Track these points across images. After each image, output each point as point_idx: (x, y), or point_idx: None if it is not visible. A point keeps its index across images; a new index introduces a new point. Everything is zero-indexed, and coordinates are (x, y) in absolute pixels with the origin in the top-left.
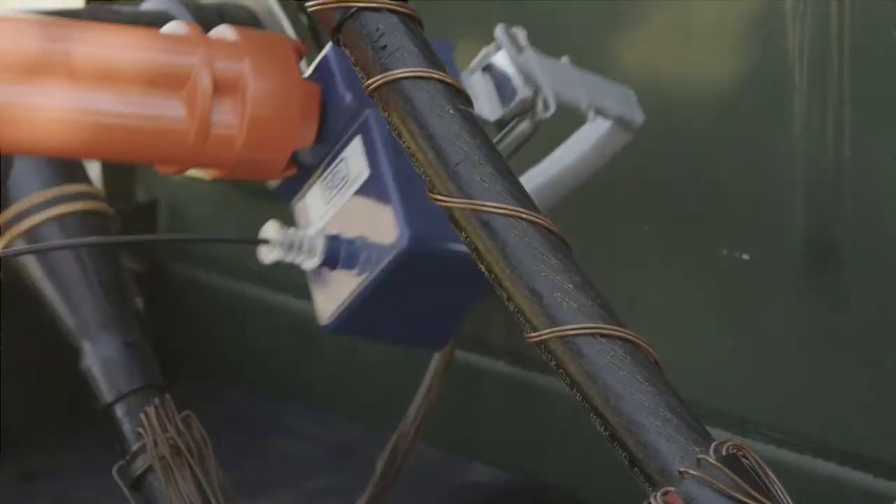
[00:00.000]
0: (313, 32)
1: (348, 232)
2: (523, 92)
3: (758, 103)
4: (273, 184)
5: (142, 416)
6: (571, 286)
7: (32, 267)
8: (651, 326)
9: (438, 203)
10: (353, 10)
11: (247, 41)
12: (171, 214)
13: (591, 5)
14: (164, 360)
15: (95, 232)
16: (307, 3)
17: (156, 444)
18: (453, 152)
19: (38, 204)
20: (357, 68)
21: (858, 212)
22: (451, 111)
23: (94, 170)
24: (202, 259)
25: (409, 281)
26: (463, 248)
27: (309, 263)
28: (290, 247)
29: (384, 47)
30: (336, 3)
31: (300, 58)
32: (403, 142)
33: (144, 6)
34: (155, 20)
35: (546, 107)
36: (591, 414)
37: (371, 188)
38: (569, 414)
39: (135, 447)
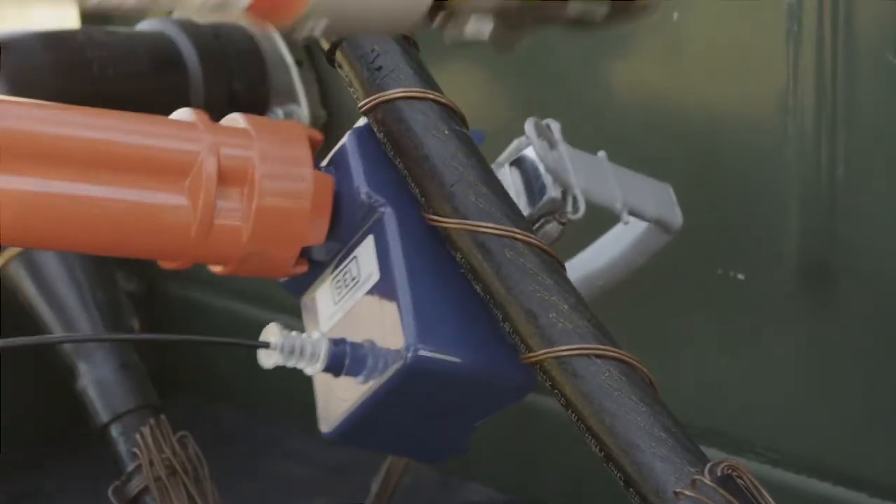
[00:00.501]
0: (308, 51)
1: (355, 336)
2: (552, 191)
3: (752, 125)
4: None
5: (137, 436)
6: (566, 307)
7: (28, 287)
8: (646, 346)
9: (434, 223)
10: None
11: (257, 128)
12: None
13: None
14: (160, 381)
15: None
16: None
17: (151, 464)
18: (448, 173)
19: None
20: (351, 88)
21: (852, 232)
22: (446, 132)
23: None
24: (198, 279)
25: (413, 395)
26: (473, 361)
27: (311, 369)
28: (291, 351)
29: (379, 68)
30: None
31: (316, 146)
32: (398, 162)
33: (140, 27)
34: (150, 41)
35: (575, 208)
36: (587, 434)
37: (381, 292)
38: (565, 434)
39: (130, 467)
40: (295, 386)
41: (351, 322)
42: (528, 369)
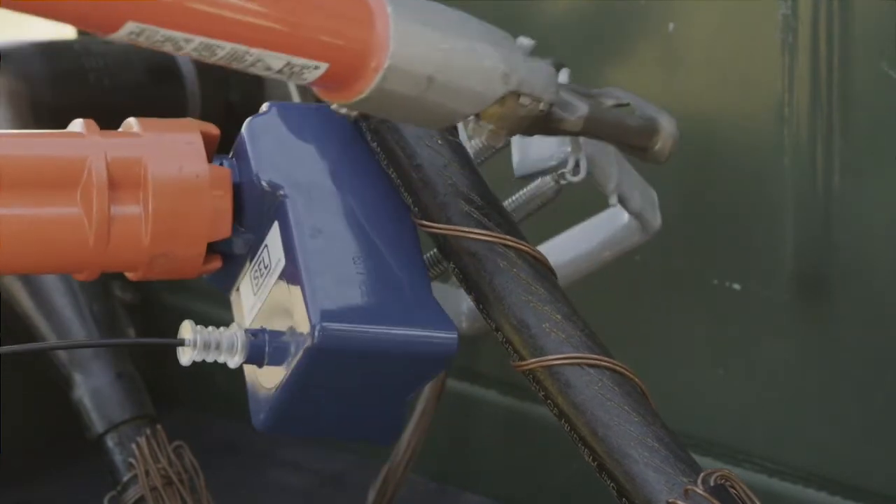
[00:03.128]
0: None
1: (275, 324)
2: (559, 149)
3: (747, 135)
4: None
5: (133, 446)
6: (559, 316)
7: (24, 298)
8: (642, 356)
9: (427, 231)
10: None
11: (146, 129)
12: None
13: (578, 39)
14: (156, 391)
15: None
16: None
17: (147, 474)
18: (441, 182)
19: None
20: None
21: (849, 242)
22: (439, 141)
23: None
24: (194, 289)
25: (330, 374)
26: (382, 329)
27: (232, 362)
28: (207, 347)
29: None
30: None
31: (212, 141)
32: (392, 171)
33: None
34: (147, 52)
35: (576, 171)
36: (579, 444)
37: (288, 277)
38: (560, 444)
39: (126, 477)
40: None
41: (269, 311)
42: (444, 329)
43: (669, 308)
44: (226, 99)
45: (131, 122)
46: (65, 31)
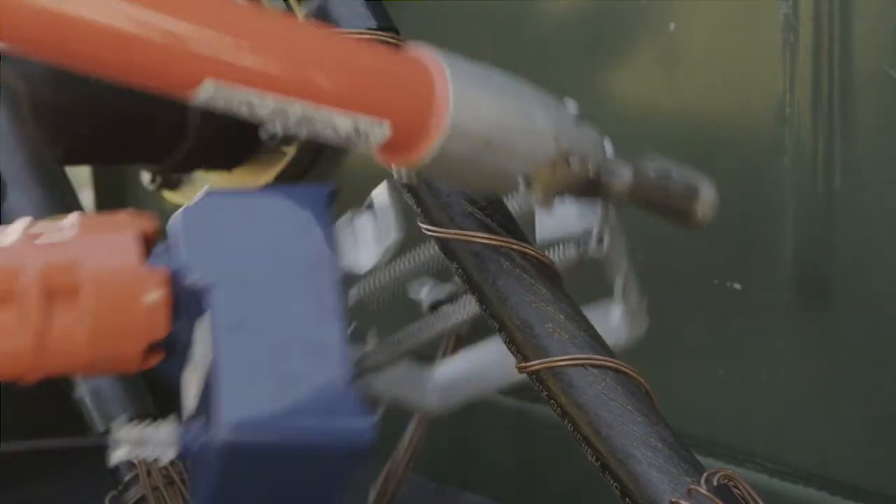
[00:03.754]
0: None
1: (206, 414)
2: (583, 220)
3: (748, 135)
4: None
5: None
6: (562, 317)
7: None
8: (643, 356)
9: (430, 234)
10: None
11: (82, 232)
12: None
13: (580, 39)
14: (157, 391)
15: None
16: None
17: (149, 474)
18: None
19: None
20: None
21: (849, 243)
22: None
23: (86, 198)
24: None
25: (245, 476)
26: (294, 423)
27: (166, 456)
28: (136, 445)
29: None
30: None
31: (153, 237)
32: (398, 176)
33: None
34: None
35: (600, 244)
36: (583, 444)
37: (212, 373)
38: (562, 443)
39: (127, 477)
40: None
41: (203, 403)
42: (357, 418)
43: (669, 308)
44: None
45: (69, 221)
46: None
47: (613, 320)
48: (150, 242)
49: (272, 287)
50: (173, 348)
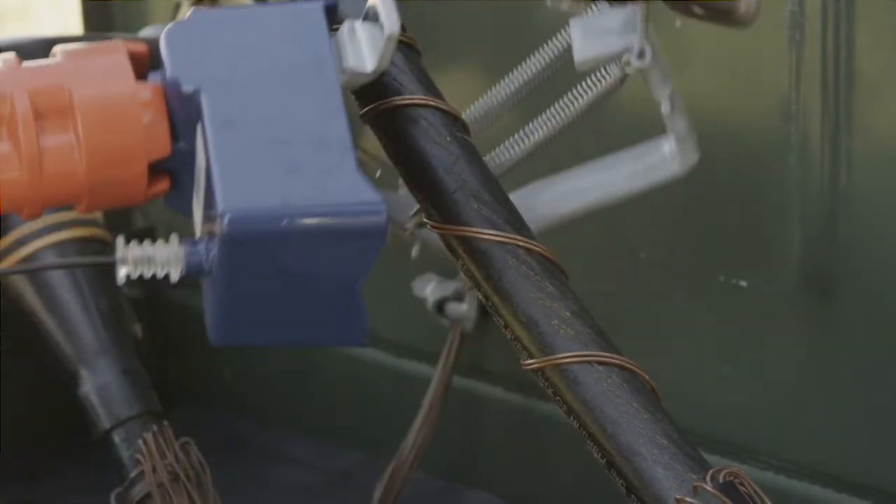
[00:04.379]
0: None
1: (213, 230)
2: (623, 36)
3: (754, 133)
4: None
5: (140, 442)
6: (568, 313)
7: (30, 294)
8: (648, 353)
9: (435, 230)
10: None
11: (70, 57)
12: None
13: None
14: (163, 387)
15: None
16: None
17: (154, 470)
18: (450, 180)
19: (37, 230)
20: (354, 95)
21: (855, 240)
22: (448, 139)
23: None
24: (201, 285)
25: (258, 264)
26: (301, 204)
27: (173, 275)
28: (140, 262)
29: (382, 75)
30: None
31: (142, 59)
32: (400, 169)
33: (142, 34)
34: (152, 49)
35: (642, 55)
36: (588, 441)
37: (209, 174)
38: (567, 440)
39: (133, 474)
40: (297, 393)
41: (207, 217)
42: (367, 197)
43: (675, 305)
44: None
45: (55, 50)
46: (70, 26)
47: (665, 151)
48: (142, 66)
49: (269, 86)
50: (179, 177)
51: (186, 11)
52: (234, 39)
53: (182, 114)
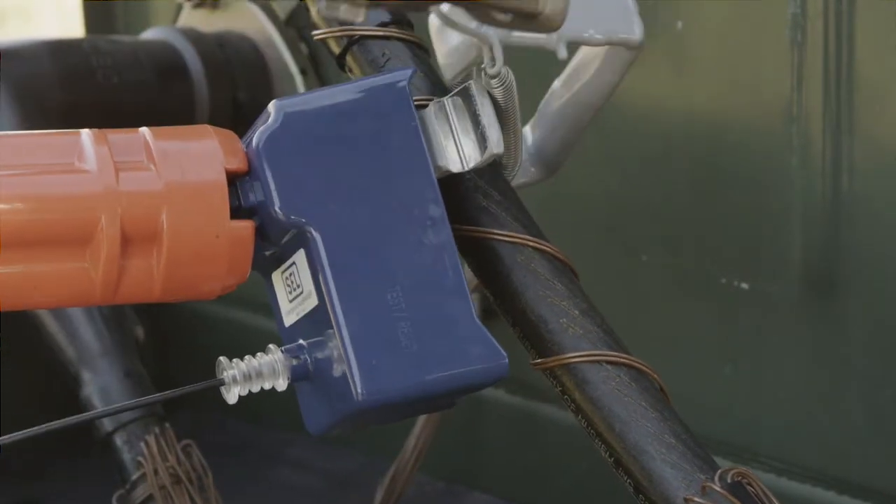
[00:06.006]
0: (313, 60)
1: (313, 335)
2: (472, 46)
3: (756, 134)
4: None
5: (142, 444)
6: (577, 312)
7: None
8: (650, 356)
9: None
10: (358, 37)
11: (166, 173)
12: None
13: None
14: (164, 389)
15: None
16: (313, 32)
17: (156, 472)
18: (459, 177)
19: None
20: None
21: (856, 242)
22: None
23: None
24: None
25: (380, 415)
26: (434, 377)
27: (279, 386)
28: (248, 378)
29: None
30: (342, 31)
31: (239, 176)
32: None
33: (144, 36)
34: (155, 50)
35: (493, 61)
36: (596, 440)
37: (323, 317)
38: (569, 442)
39: (135, 476)
40: None
41: (307, 325)
42: (494, 358)
43: (678, 307)
44: (234, 97)
45: (149, 143)
46: (72, 29)
47: (598, 56)
48: (233, 174)
49: (373, 219)
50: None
51: (188, 13)
52: (330, 151)
53: (276, 226)
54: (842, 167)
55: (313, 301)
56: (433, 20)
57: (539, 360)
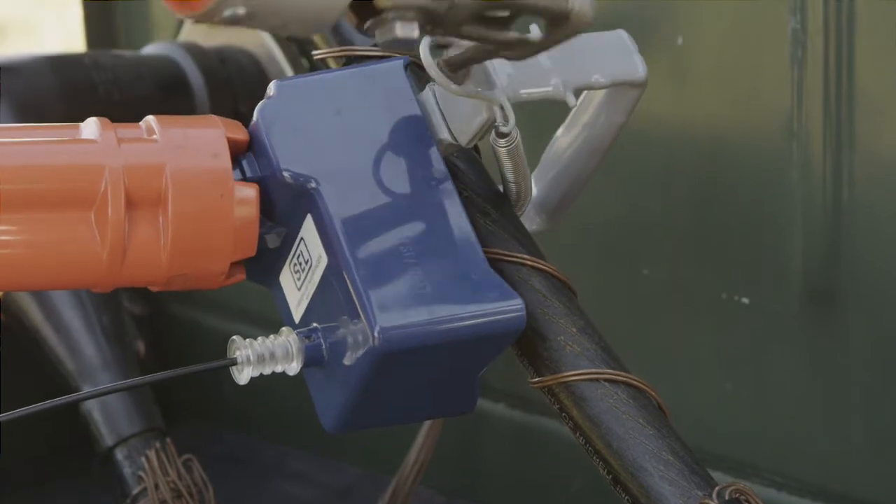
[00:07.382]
0: None
1: (327, 318)
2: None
3: (756, 149)
4: None
5: (143, 459)
6: (575, 330)
7: (33, 311)
8: (650, 370)
9: None
10: (357, 58)
11: (169, 142)
12: None
13: None
14: (165, 404)
15: None
16: (313, 52)
17: (157, 487)
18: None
19: None
20: None
21: (858, 256)
22: (454, 154)
23: None
24: (203, 301)
25: (399, 369)
26: (451, 317)
27: (291, 370)
28: (261, 360)
29: None
30: (342, 52)
31: (243, 146)
32: None
33: (146, 51)
34: (157, 65)
35: (505, 119)
36: (595, 457)
37: (334, 274)
38: (569, 457)
39: (136, 490)
40: (300, 408)
41: (319, 306)
42: (509, 300)
43: (678, 321)
44: (234, 110)
45: (150, 123)
46: (74, 44)
47: (601, 99)
48: (239, 150)
49: (376, 174)
50: (261, 252)
51: (190, 28)
52: (329, 118)
53: (276, 196)
54: (842, 182)
55: (323, 264)
56: (438, 90)
57: (537, 379)
